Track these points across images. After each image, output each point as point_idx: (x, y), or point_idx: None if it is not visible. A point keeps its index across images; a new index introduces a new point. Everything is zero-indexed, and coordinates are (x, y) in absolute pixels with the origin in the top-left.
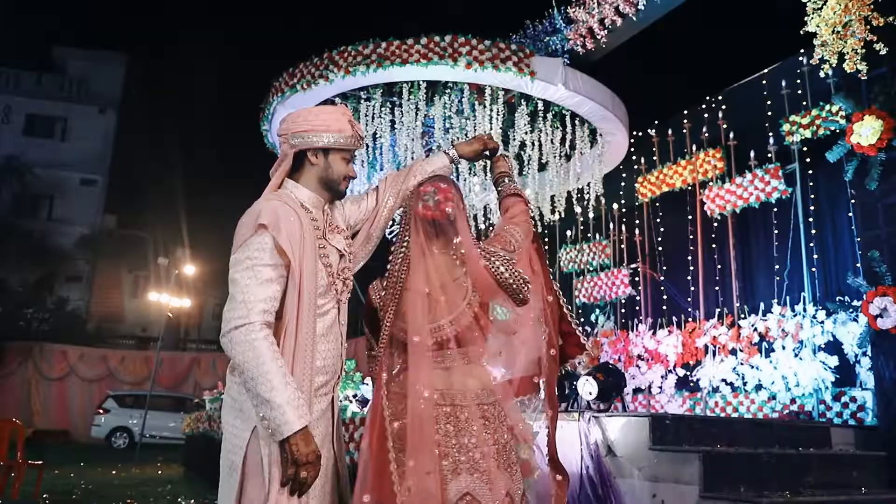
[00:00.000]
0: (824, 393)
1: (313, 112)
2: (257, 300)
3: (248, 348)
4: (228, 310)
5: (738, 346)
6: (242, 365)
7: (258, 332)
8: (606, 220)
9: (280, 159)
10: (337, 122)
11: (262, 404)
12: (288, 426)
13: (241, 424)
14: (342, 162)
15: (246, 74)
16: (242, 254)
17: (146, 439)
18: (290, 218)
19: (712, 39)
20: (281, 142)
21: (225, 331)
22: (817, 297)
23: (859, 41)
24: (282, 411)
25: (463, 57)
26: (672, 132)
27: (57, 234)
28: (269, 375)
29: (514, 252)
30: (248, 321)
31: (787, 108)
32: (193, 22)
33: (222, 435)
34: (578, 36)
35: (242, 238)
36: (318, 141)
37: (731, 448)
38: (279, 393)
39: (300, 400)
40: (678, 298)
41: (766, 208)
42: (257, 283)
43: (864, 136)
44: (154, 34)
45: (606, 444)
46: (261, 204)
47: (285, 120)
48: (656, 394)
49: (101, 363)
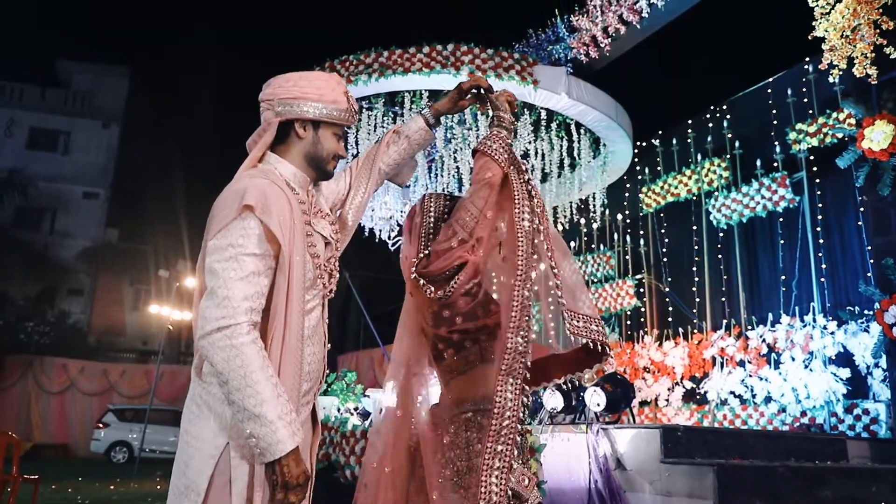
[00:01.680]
0: (836, 405)
1: (305, 77)
2: (243, 297)
3: (233, 354)
4: (208, 307)
5: (746, 358)
6: (226, 373)
7: (245, 336)
8: (610, 231)
9: (262, 128)
10: (332, 91)
11: (249, 420)
12: (281, 446)
13: (211, 438)
14: (333, 138)
15: (249, 87)
16: (223, 240)
17: (146, 454)
18: (279, 199)
19: (716, 48)
20: (264, 108)
21: (205, 331)
22: (826, 307)
23: (868, 45)
24: (273, 428)
25: (465, 66)
26: (676, 142)
27: (59, 248)
28: (259, 386)
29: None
30: (234, 321)
31: (793, 116)
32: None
33: (178, 452)
34: (582, 45)
35: (223, 221)
36: (308, 111)
37: (745, 461)
38: (270, 407)
39: (292, 415)
40: (684, 309)
41: (773, 217)
42: (242, 275)
43: (876, 141)
44: (158, 49)
45: (616, 457)
46: (244, 181)
47: (271, 83)
48: (663, 406)
49: (102, 377)
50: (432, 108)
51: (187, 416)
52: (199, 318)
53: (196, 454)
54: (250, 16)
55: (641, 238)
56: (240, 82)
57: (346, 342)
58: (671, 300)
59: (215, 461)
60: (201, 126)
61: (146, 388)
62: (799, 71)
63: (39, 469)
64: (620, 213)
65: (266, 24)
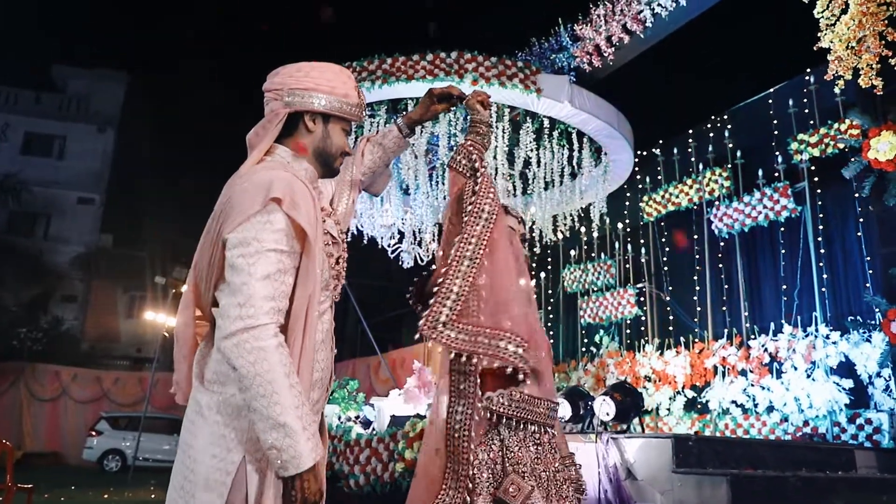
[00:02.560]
0: (838, 415)
1: (317, 68)
2: (269, 296)
3: (260, 357)
4: (232, 305)
5: (748, 367)
6: (250, 378)
7: (272, 339)
8: (611, 240)
9: (268, 119)
10: (343, 84)
11: (272, 429)
12: (303, 460)
13: (225, 455)
14: (342, 133)
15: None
16: (248, 232)
17: (139, 462)
18: (305, 194)
19: (718, 58)
20: (271, 97)
21: (229, 331)
22: (828, 316)
23: (874, 56)
24: (297, 440)
25: (469, 73)
26: (677, 151)
27: (53, 253)
28: (284, 394)
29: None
30: (260, 322)
31: (795, 126)
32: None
33: (176, 468)
34: (585, 53)
35: (245, 212)
36: (319, 103)
37: (757, 471)
38: (295, 417)
39: (314, 426)
40: (685, 318)
41: (775, 227)
42: (268, 272)
43: (882, 152)
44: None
45: (626, 467)
46: (266, 172)
47: (280, 72)
48: (664, 416)
49: (95, 384)
50: (405, 116)
51: (190, 428)
52: (221, 317)
53: (201, 469)
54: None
55: (642, 247)
56: (238, 88)
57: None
58: (672, 309)
59: (231, 478)
60: (198, 132)
61: (140, 396)
62: (800, 81)
63: (30, 477)
64: (621, 221)
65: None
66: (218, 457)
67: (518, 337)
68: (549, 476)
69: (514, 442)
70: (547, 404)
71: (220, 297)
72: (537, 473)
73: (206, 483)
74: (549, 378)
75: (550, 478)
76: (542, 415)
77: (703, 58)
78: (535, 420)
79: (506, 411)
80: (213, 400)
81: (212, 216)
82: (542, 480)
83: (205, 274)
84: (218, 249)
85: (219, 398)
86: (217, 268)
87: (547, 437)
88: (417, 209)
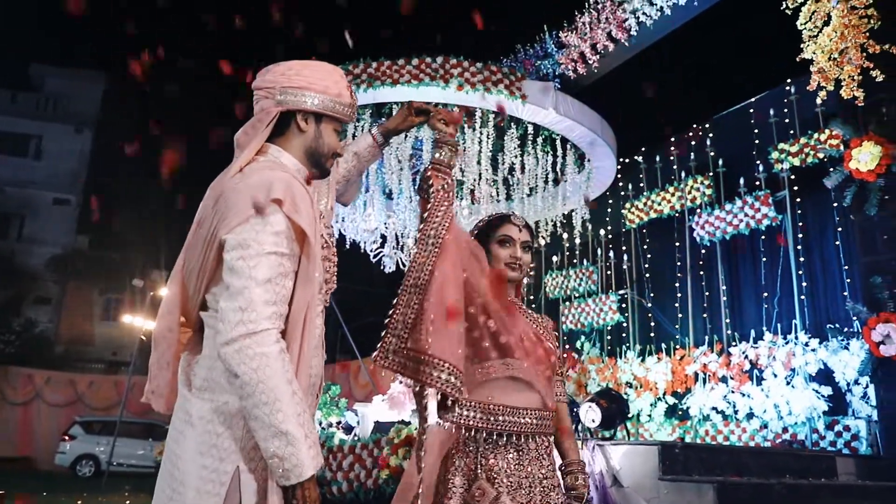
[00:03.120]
0: (817, 422)
1: (310, 66)
2: (270, 301)
3: (263, 363)
4: (232, 309)
5: (728, 374)
6: (252, 385)
7: (274, 345)
8: (593, 246)
9: (258, 118)
10: (336, 84)
11: (274, 437)
12: (305, 468)
13: (217, 465)
14: (334, 134)
15: (228, 95)
16: (247, 234)
17: (113, 467)
18: (304, 196)
19: (700, 68)
20: (262, 95)
21: (230, 337)
22: (807, 324)
23: (856, 68)
24: (298, 448)
25: (454, 78)
26: (660, 159)
27: (27, 255)
28: (286, 400)
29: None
30: (261, 328)
31: (776, 136)
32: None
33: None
34: (570, 61)
35: (244, 213)
36: (312, 102)
37: (742, 478)
38: (297, 425)
39: (315, 434)
40: (667, 325)
41: (756, 235)
42: (269, 276)
43: (863, 162)
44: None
45: (612, 474)
46: (268, 173)
47: (272, 70)
48: (645, 422)
49: (69, 388)
50: (381, 126)
51: (177, 438)
52: (220, 322)
53: (190, 481)
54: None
55: (624, 253)
56: (219, 90)
57: None
58: (653, 316)
59: (225, 489)
60: (178, 133)
61: (115, 400)
62: (781, 91)
63: (1, 483)
64: (603, 228)
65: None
66: (209, 468)
67: (450, 364)
68: (531, 482)
69: (490, 448)
70: (535, 413)
71: (219, 300)
72: (515, 479)
73: (197, 495)
74: (540, 386)
75: (533, 484)
76: (525, 425)
77: (687, 67)
78: (512, 431)
79: (475, 424)
80: (203, 408)
81: (201, 215)
82: (519, 486)
83: (195, 276)
84: (212, 250)
85: (210, 406)
86: (210, 269)
87: (535, 443)
88: (400, 214)
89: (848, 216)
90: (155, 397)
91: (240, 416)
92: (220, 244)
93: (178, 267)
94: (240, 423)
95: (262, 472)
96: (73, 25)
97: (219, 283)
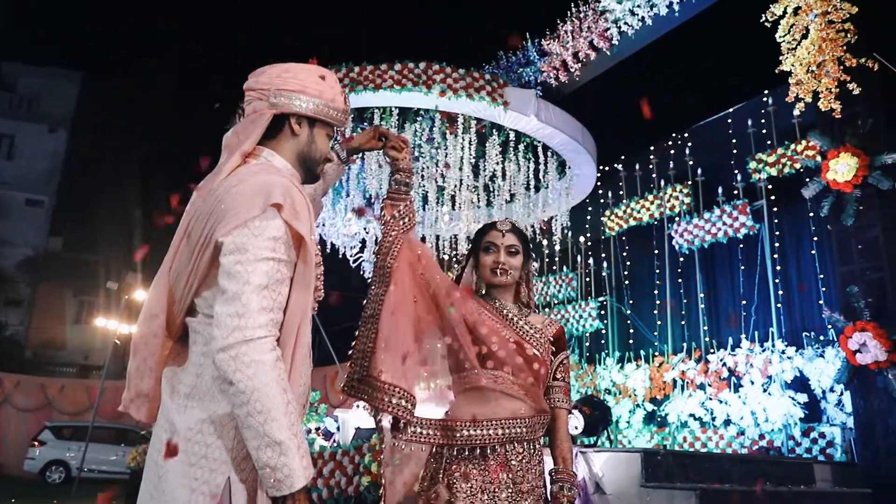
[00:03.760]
0: (793, 429)
1: (306, 70)
2: (267, 307)
3: (259, 371)
4: (229, 314)
5: (706, 381)
6: (248, 393)
7: (270, 353)
8: (573, 253)
9: (250, 120)
10: (331, 89)
11: (268, 447)
12: (296, 479)
13: (208, 476)
14: (326, 139)
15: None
16: (246, 238)
17: (85, 473)
18: (302, 201)
19: (680, 78)
20: (255, 97)
21: (227, 343)
22: (783, 332)
23: (833, 81)
24: (291, 458)
25: (437, 84)
26: (640, 167)
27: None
28: (281, 409)
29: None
30: (258, 335)
31: (753, 146)
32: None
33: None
34: (552, 68)
35: (243, 216)
36: (307, 106)
37: (724, 485)
38: (290, 434)
39: (306, 445)
40: (645, 332)
41: (734, 244)
42: (266, 282)
43: (841, 173)
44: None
45: (594, 481)
46: (266, 176)
47: (266, 72)
48: (624, 429)
49: (39, 392)
50: (344, 141)
51: (158, 446)
52: (216, 327)
53: (179, 495)
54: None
55: (604, 260)
56: (195, 92)
57: None
58: (633, 323)
59: (216, 501)
60: (156, 132)
61: (86, 405)
62: (758, 103)
63: None
64: (583, 235)
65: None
66: (200, 479)
67: (401, 389)
68: (497, 487)
69: (454, 454)
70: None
71: (212, 304)
72: (477, 484)
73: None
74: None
75: (500, 489)
76: (490, 437)
77: (667, 77)
78: (475, 445)
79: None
80: (191, 418)
81: (191, 216)
82: (481, 491)
83: (184, 278)
84: (206, 252)
85: (198, 416)
86: (202, 272)
87: (505, 450)
88: None
89: (823, 226)
90: (135, 406)
91: (231, 425)
92: (215, 246)
93: (165, 269)
94: (230, 434)
95: (253, 483)
96: (48, 24)
97: (210, 287)
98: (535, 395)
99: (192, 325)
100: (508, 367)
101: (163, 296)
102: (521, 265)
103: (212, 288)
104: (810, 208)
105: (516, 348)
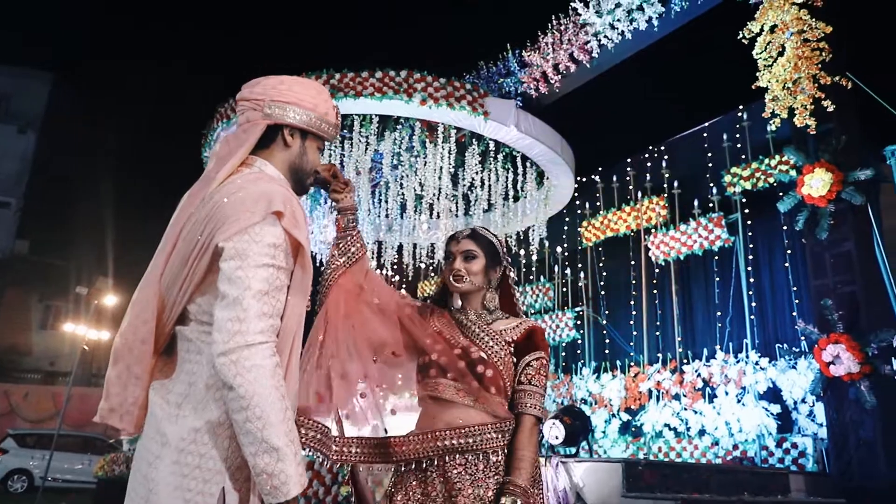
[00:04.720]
0: (767, 439)
1: (300, 83)
2: (266, 313)
3: (259, 376)
4: (230, 319)
5: (681, 392)
6: (248, 398)
7: (270, 358)
8: (550, 263)
9: (242, 129)
10: (324, 102)
11: (265, 453)
12: (291, 486)
13: (202, 487)
14: (317, 152)
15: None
16: (247, 244)
17: (49, 483)
18: (300, 211)
19: (658, 91)
20: (249, 107)
21: (229, 347)
22: (757, 343)
23: (808, 98)
24: (287, 464)
25: (418, 93)
26: (616, 179)
27: None
28: (278, 416)
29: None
30: (257, 340)
31: (729, 160)
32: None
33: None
34: (532, 79)
35: (243, 223)
36: (300, 118)
37: (704, 495)
38: (287, 441)
39: (301, 453)
40: (621, 342)
41: (709, 256)
42: (267, 288)
43: (815, 188)
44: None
45: (575, 491)
46: (266, 184)
47: (261, 83)
48: (600, 438)
49: (2, 399)
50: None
51: (151, 460)
52: (216, 331)
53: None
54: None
55: (580, 271)
56: (170, 95)
57: None
58: (609, 333)
59: None
60: (131, 135)
61: (52, 412)
62: (734, 117)
63: None
64: (560, 245)
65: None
66: (194, 490)
67: (308, 419)
68: (430, 501)
69: (401, 469)
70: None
71: (210, 310)
72: (416, 499)
73: None
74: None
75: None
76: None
77: (645, 90)
78: (401, 460)
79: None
80: (183, 428)
81: (184, 223)
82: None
83: (178, 284)
84: (204, 258)
85: (191, 424)
86: (198, 278)
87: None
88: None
89: (796, 239)
90: (117, 416)
91: (225, 434)
92: (214, 251)
93: (155, 275)
94: (224, 443)
95: (246, 493)
96: (18, 23)
97: (205, 293)
98: (487, 400)
99: (184, 334)
100: (451, 373)
101: (152, 302)
102: (483, 270)
103: (206, 294)
104: (784, 222)
105: (460, 353)
